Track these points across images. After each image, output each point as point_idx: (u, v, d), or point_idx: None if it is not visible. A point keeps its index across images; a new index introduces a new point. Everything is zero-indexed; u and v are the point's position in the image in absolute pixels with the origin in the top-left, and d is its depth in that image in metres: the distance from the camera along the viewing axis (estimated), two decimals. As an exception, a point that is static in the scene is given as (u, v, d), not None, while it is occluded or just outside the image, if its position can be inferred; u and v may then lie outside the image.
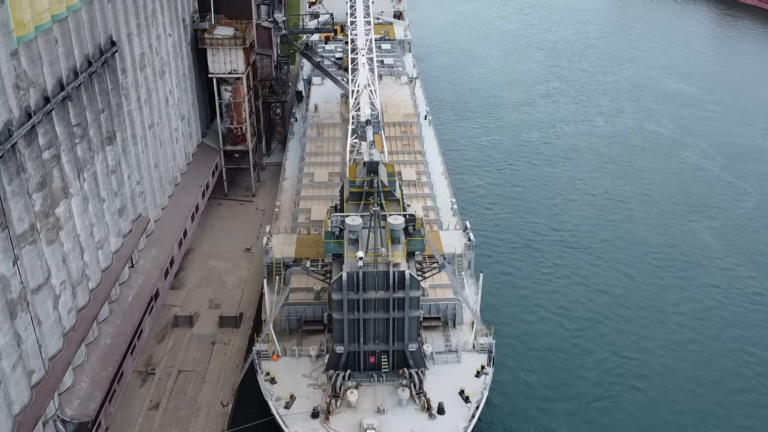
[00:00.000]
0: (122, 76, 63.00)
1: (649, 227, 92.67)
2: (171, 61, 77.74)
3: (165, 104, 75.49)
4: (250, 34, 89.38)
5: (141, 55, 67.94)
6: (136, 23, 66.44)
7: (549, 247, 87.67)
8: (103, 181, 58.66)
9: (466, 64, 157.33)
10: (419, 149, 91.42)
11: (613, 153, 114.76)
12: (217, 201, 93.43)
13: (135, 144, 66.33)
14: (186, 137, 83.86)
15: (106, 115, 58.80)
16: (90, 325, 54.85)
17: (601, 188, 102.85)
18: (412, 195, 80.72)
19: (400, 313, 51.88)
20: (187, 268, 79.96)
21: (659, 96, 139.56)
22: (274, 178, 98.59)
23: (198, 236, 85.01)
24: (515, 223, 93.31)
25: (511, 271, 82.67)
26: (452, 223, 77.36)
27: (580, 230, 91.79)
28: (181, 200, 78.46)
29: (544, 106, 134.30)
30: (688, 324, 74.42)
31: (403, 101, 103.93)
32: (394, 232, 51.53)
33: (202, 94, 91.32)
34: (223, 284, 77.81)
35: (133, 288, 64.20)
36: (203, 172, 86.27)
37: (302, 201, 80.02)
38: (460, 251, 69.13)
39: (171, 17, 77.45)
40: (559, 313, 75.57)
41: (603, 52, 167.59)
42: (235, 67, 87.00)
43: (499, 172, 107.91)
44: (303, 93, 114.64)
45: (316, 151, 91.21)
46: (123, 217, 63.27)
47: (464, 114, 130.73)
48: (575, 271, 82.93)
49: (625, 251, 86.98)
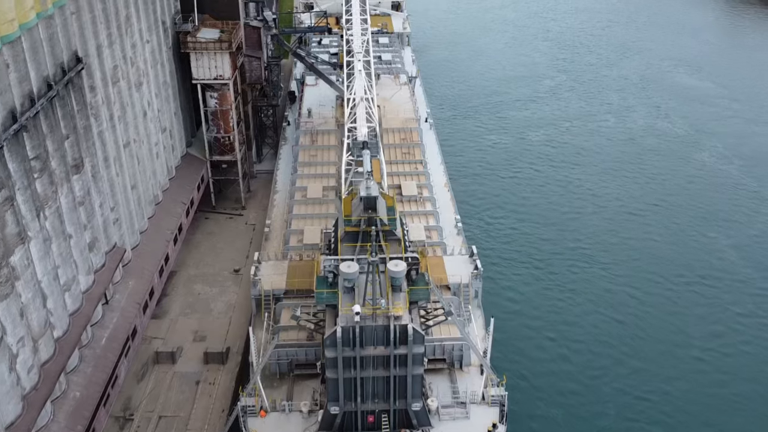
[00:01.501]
0: (90, 95, 56.58)
1: (665, 242, 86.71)
2: (149, 69, 71.22)
3: (143, 118, 69.10)
4: (237, 35, 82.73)
5: (113, 68, 61.47)
6: (107, 33, 59.90)
7: (558, 266, 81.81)
8: (70, 216, 52.52)
9: (467, 57, 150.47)
10: (420, 158, 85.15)
11: (624, 156, 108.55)
12: (204, 214, 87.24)
13: (108, 168, 60.07)
14: (168, 150, 77.52)
15: (71, 141, 52.52)
16: (56, 379, 49.00)
17: (613, 197, 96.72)
18: (413, 213, 74.84)
19: (403, 370, 46.03)
20: (170, 293, 73.96)
21: (670, 91, 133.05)
22: (265, 187, 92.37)
23: (183, 256, 78.91)
24: (521, 238, 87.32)
25: (517, 298, 76.76)
26: (457, 246, 71.37)
27: (592, 246, 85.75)
28: (162, 221, 72.31)
29: (550, 103, 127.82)
30: (713, 359, 68.92)
31: (403, 104, 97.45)
32: (395, 280, 45.50)
33: (186, 101, 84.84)
34: (209, 312, 71.88)
35: (107, 328, 58.25)
36: (188, 186, 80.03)
37: (294, 220, 73.98)
38: (467, 280, 63.31)
39: (149, 21, 70.82)
40: (573, 348, 69.95)
41: (609, 42, 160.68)
42: (220, 72, 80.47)
43: (502, 179, 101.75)
44: (296, 93, 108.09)
45: (309, 161, 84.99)
46: (94, 251, 57.20)
47: (466, 112, 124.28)
48: (588, 294, 77.13)
49: (640, 271, 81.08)
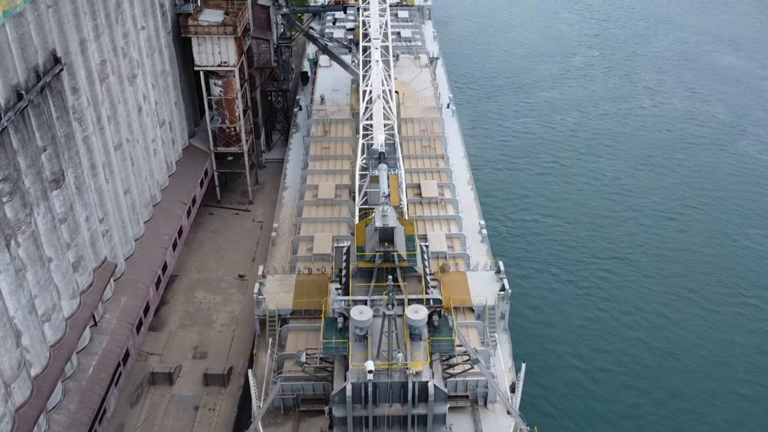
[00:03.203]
0: (73, 97, 50.22)
1: (708, 251, 78.89)
2: (145, 59, 64.59)
3: (137, 114, 62.72)
4: (244, 17, 75.66)
5: (101, 64, 54.94)
6: (93, 25, 53.22)
7: (590, 277, 74.67)
8: (49, 237, 46.66)
9: (490, 31, 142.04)
10: (441, 153, 78.42)
11: (661, 145, 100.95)
12: (208, 209, 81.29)
13: (95, 176, 53.96)
14: (168, 145, 71.27)
15: (49, 154, 46.39)
16: (33, 424, 43.71)
17: (648, 194, 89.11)
18: (434, 218, 68.43)
19: (422, 430, 40.23)
20: (169, 301, 68.51)
21: (707, 70, 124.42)
22: (274, 179, 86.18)
23: (184, 258, 73.23)
24: (547, 243, 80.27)
25: (545, 318, 69.62)
26: (481, 257, 65.19)
27: (627, 255, 77.92)
28: (160, 226, 66.41)
29: (580, 83, 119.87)
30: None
31: (423, 89, 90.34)
32: (415, 329, 39.44)
33: (188, 89, 78.24)
34: (210, 324, 66.43)
35: (95, 355, 52.80)
36: (189, 183, 73.91)
37: (303, 225, 67.89)
38: (492, 302, 57.15)
39: (144, 6, 63.95)
40: (608, 382, 63.10)
41: (640, 14, 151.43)
42: (225, 58, 73.69)
43: (528, 171, 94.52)
44: (309, 74, 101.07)
45: (321, 155, 78.55)
46: (80, 270, 51.48)
47: (489, 93, 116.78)
48: (625, 315, 69.94)
49: (682, 287, 73.28)
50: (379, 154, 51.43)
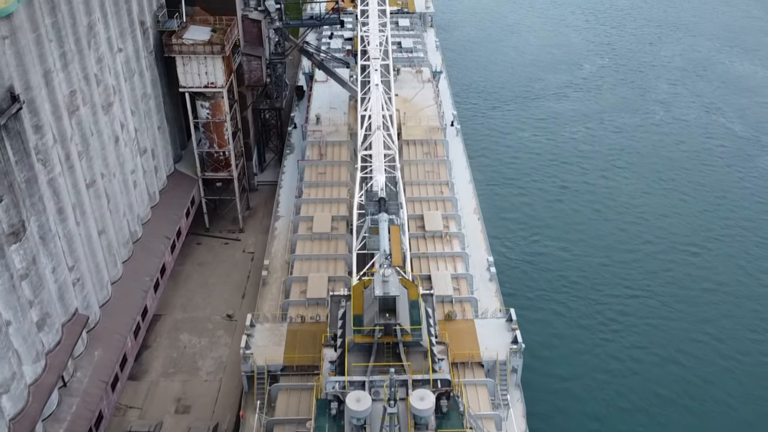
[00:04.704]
0: (36, 137, 44.74)
1: (738, 284, 72.85)
2: (122, 84, 59.08)
3: (114, 145, 57.23)
4: (233, 34, 70.06)
5: (70, 95, 49.43)
6: (60, 53, 47.72)
7: (609, 318, 68.48)
8: (7, 298, 41.31)
9: (494, 37, 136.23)
10: (446, 179, 73.02)
11: (676, 159, 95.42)
12: (196, 238, 75.87)
13: (63, 221, 48.51)
14: (150, 175, 65.78)
15: (6, 204, 40.98)
16: None
17: (670, 218, 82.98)
18: (438, 254, 63.06)
19: None
20: (151, 345, 63.16)
21: (722, 79, 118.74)
22: (267, 203, 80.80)
23: (169, 294, 67.86)
24: (561, 276, 74.08)
25: (560, 371, 63.40)
26: (490, 300, 59.93)
27: (650, 290, 71.61)
28: (141, 265, 60.96)
29: (589, 93, 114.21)
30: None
31: (426, 107, 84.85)
32: (420, 418, 34.12)
33: (173, 110, 72.73)
34: (195, 372, 61.06)
35: (64, 421, 47.40)
36: (174, 214, 68.47)
37: (297, 263, 62.51)
38: (503, 356, 51.84)
39: (121, 26, 58.37)
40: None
41: (650, 18, 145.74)
42: (212, 79, 68.16)
43: (538, 193, 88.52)
44: (304, 88, 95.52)
45: (316, 181, 73.19)
46: (45, 329, 46.10)
47: (493, 103, 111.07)
48: (647, 357, 64.27)
49: (710, 324, 67.44)
50: (379, 200, 45.91)
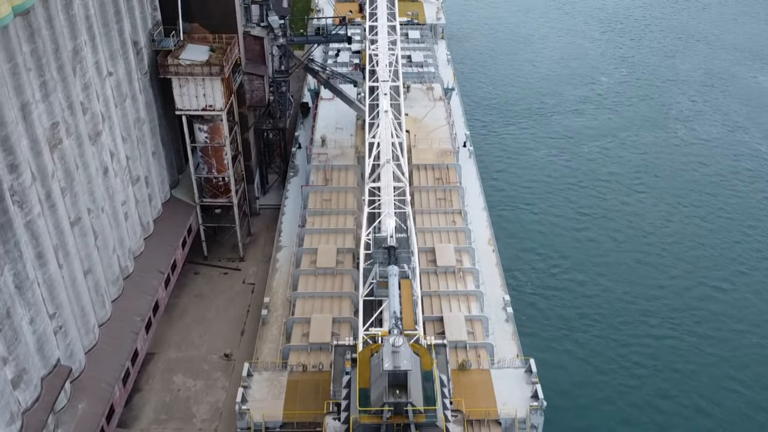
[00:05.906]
0: (11, 177, 40.61)
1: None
2: (113, 110, 54.95)
3: (102, 177, 53.10)
4: (233, 53, 65.87)
5: (51, 128, 45.31)
6: (40, 83, 43.61)
7: (635, 362, 63.85)
8: (-27, 361, 37.20)
9: (507, 48, 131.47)
10: (458, 208, 68.58)
11: (704, 181, 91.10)
12: (193, 268, 71.71)
13: (43, 266, 44.37)
14: (143, 204, 61.61)
15: (-27, 256, 36.87)
16: None
17: (698, 242, 78.90)
18: (451, 293, 58.52)
19: None
20: (143, 388, 58.98)
21: (745, 95, 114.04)
22: (269, 229, 76.69)
23: (163, 330, 63.73)
24: (582, 314, 69.63)
25: (580, 409, 59.55)
26: (507, 344, 55.60)
27: (680, 331, 67.03)
28: (131, 304, 56.77)
29: (608, 107, 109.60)
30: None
31: (437, 127, 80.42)
32: None
33: (170, 133, 68.57)
34: (189, 419, 56.87)
35: (41, 487, 43.26)
36: (169, 245, 64.27)
37: (299, 302, 58.16)
38: (523, 413, 47.40)
39: (112, 48, 54.23)
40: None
41: (669, 28, 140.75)
42: (210, 101, 63.99)
43: (556, 220, 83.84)
44: (309, 105, 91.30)
45: (321, 209, 68.83)
46: (22, 386, 41.95)
47: (506, 119, 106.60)
48: (682, 410, 59.66)
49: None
50: (388, 248, 41.44)
